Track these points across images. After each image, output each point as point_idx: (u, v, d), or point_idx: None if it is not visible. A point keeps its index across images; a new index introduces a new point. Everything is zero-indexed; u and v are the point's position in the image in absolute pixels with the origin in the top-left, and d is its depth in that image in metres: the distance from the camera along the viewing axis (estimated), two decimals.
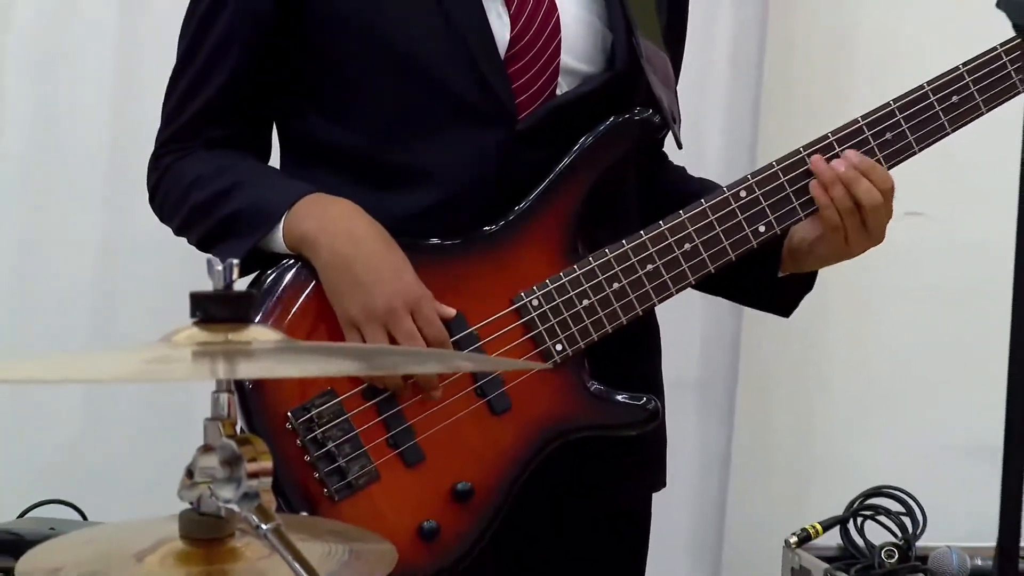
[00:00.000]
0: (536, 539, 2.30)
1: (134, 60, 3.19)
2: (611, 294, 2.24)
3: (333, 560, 1.61)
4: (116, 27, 3.23)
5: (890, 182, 2.27)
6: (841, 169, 2.24)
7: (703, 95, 3.33)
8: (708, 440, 3.50)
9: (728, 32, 3.43)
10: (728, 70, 3.46)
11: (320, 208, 2.19)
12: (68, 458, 3.18)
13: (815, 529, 3.22)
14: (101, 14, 3.22)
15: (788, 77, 3.51)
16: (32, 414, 3.21)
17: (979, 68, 2.31)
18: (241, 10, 2.26)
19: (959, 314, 3.50)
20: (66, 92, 3.23)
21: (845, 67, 3.53)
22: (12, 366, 1.85)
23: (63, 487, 3.06)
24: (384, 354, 2.05)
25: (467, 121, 2.24)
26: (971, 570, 3.18)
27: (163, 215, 2.35)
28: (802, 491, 3.51)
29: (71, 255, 3.24)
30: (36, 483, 3.08)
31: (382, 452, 2.18)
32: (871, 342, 3.61)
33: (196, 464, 1.56)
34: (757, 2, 3.46)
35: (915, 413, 3.60)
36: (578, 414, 2.24)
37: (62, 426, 3.21)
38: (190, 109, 2.30)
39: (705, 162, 3.17)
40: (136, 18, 3.21)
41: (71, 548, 1.72)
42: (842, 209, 2.24)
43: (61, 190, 3.23)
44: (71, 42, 3.22)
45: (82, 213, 3.23)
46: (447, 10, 2.22)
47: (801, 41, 3.54)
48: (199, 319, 1.57)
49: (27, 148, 3.22)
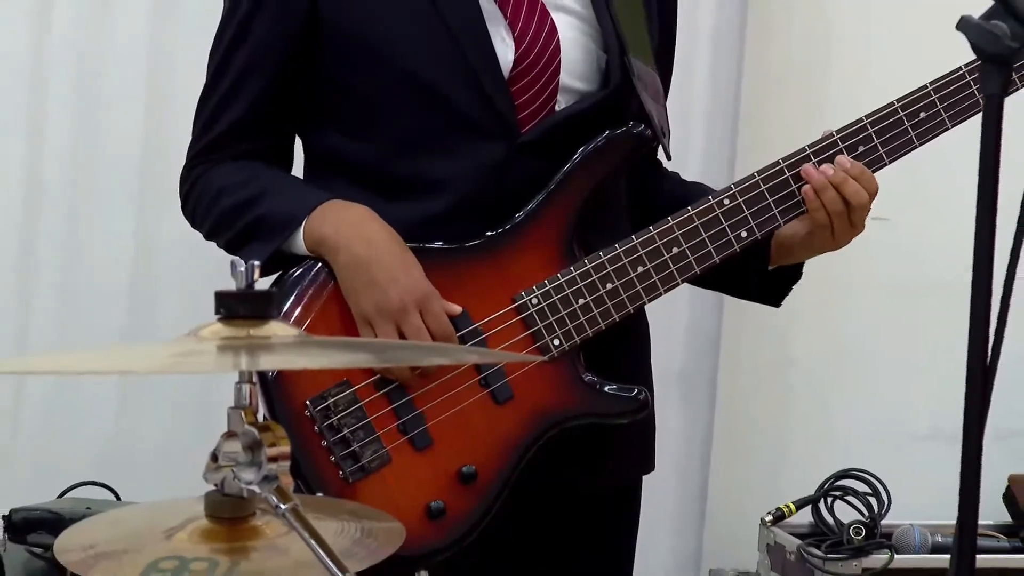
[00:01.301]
0: (534, 519, 2.29)
1: (165, 81, 3.18)
2: (604, 294, 2.23)
3: (346, 537, 1.61)
4: (147, 49, 3.21)
5: (875, 184, 2.26)
6: (830, 173, 2.24)
7: (687, 111, 3.31)
8: (691, 427, 3.50)
9: (708, 57, 3.42)
10: (709, 90, 3.45)
11: (337, 213, 2.19)
12: (104, 443, 3.18)
13: (789, 508, 3.22)
14: (133, 33, 3.21)
15: (764, 94, 3.50)
16: (71, 403, 3.20)
17: (945, 87, 2.30)
18: (267, 36, 2.25)
19: (922, 310, 3.49)
20: (103, 111, 3.22)
21: (818, 86, 3.52)
22: (55, 359, 1.84)
23: (99, 470, 3.05)
24: (394, 348, 2.05)
25: (472, 135, 2.23)
26: (932, 546, 3.18)
27: (194, 221, 2.34)
28: (777, 474, 3.50)
29: (109, 258, 3.23)
30: (74, 466, 3.07)
31: (393, 438, 2.17)
32: (840, 336, 3.61)
33: (220, 449, 1.56)
34: (735, 30, 3.45)
35: (881, 402, 3.59)
36: (574, 404, 2.23)
37: (99, 414, 3.21)
38: (219, 126, 2.29)
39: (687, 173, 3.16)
40: (166, 41, 3.20)
41: (106, 526, 1.72)
42: (832, 211, 2.24)
43: (99, 199, 3.23)
44: (106, 65, 3.21)
45: (118, 220, 3.23)
46: (454, 35, 2.21)
47: (776, 62, 3.53)
48: (223, 316, 1.56)
49: (68, 162, 3.21)
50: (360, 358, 1.99)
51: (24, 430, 3.19)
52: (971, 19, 1.56)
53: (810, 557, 3.08)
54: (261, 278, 2.14)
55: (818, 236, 2.28)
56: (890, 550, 3.09)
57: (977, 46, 1.56)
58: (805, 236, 2.28)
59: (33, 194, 3.20)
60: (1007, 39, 1.55)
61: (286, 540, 1.54)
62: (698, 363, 3.51)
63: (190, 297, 3.07)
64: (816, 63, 3.55)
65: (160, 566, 1.54)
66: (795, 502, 3.21)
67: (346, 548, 1.57)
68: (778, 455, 3.58)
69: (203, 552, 1.55)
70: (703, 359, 3.51)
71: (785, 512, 3.21)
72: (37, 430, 3.19)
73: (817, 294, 3.32)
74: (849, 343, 3.61)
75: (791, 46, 3.54)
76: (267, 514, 1.56)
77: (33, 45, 3.18)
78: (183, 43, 3.17)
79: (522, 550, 2.31)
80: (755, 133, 3.43)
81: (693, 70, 3.29)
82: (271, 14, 2.24)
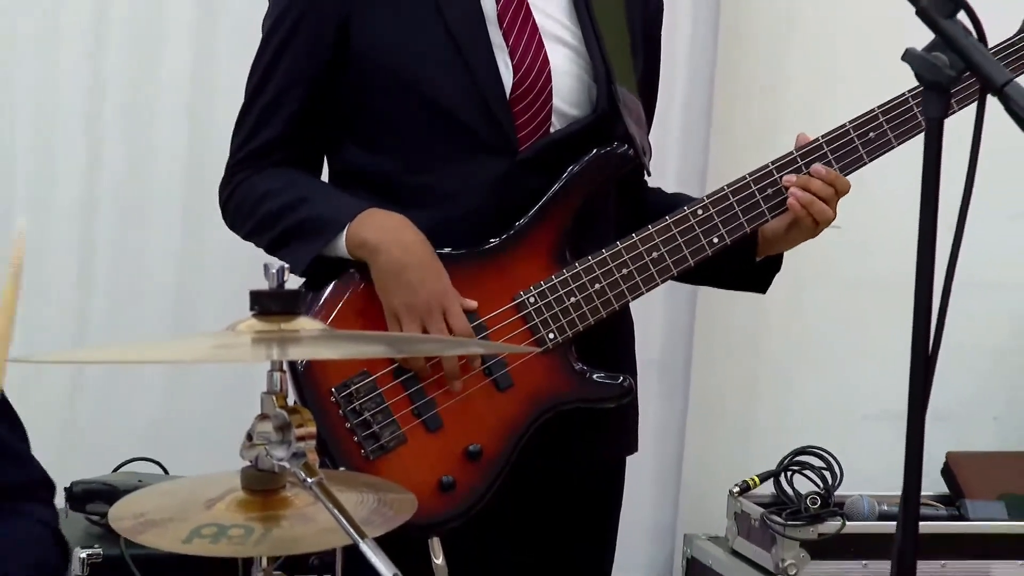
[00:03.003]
0: (530, 495, 2.27)
1: (206, 104, 3.17)
2: (593, 293, 2.22)
3: (365, 507, 1.60)
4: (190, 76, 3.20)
5: (848, 184, 2.27)
6: (815, 185, 2.24)
7: (664, 131, 3.29)
8: (667, 411, 3.48)
9: (684, 84, 3.41)
10: (683, 113, 3.44)
11: (379, 220, 2.16)
12: (154, 423, 3.17)
13: (753, 481, 3.21)
14: (178, 62, 3.20)
15: (732, 115, 3.49)
16: (124, 388, 3.19)
17: (891, 110, 2.29)
18: (300, 61, 2.24)
19: (871, 305, 3.48)
20: (152, 132, 3.21)
21: (781, 108, 3.51)
22: (111, 350, 1.84)
23: (149, 447, 3.04)
24: (408, 341, 2.07)
25: (478, 152, 2.22)
26: (879, 514, 3.17)
27: (234, 223, 2.31)
28: (743, 451, 3.49)
29: (157, 262, 3.22)
30: (127, 444, 3.06)
31: (408, 420, 2.16)
32: (799, 330, 3.60)
33: (254, 429, 1.56)
34: (707, 64, 3.43)
35: (834, 386, 3.58)
36: (567, 390, 2.22)
37: (149, 398, 3.20)
38: (257, 140, 2.27)
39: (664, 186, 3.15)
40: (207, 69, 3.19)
41: (155, 497, 1.72)
42: (818, 214, 2.24)
43: (149, 210, 3.22)
44: (154, 90, 3.20)
45: (165, 228, 3.22)
46: (467, 61, 2.20)
47: (741, 88, 3.52)
48: (257, 312, 1.56)
49: (121, 176, 3.20)
50: (377, 349, 2.02)
51: (83, 412, 3.18)
52: (915, 51, 1.56)
53: (772, 524, 3.08)
54: (300, 276, 2.18)
55: (802, 229, 2.28)
56: (842, 517, 3.08)
57: (920, 74, 1.56)
58: (789, 229, 2.28)
59: (91, 205, 3.19)
60: (946, 68, 1.54)
61: (312, 510, 1.54)
62: (674, 354, 3.50)
63: (228, 295, 3.05)
64: (775, 91, 3.54)
65: (202, 532, 1.54)
66: (759, 475, 3.20)
67: (365, 517, 1.56)
68: (744, 435, 3.57)
69: (239, 520, 1.55)
70: (678, 350, 3.50)
71: (750, 484, 3.20)
72: (94, 412, 3.18)
73: (779, 293, 3.30)
74: (807, 336, 3.60)
75: (756, 72, 3.53)
76: (296, 487, 1.56)
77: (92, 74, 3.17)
78: (222, 71, 3.16)
79: (519, 523, 2.29)
80: (723, 152, 3.42)
81: (673, 96, 3.28)
82: (304, 41, 2.23)
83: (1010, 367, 3.63)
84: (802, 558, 3.05)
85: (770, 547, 3.09)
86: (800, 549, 3.05)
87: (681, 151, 3.40)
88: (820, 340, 3.59)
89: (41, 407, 2.78)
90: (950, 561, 3.10)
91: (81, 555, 2.69)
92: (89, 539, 2.75)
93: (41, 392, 3.05)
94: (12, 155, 3.15)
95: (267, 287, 1.57)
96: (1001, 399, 3.64)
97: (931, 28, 1.55)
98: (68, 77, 3.17)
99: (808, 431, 3.31)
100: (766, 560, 3.11)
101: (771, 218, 2.27)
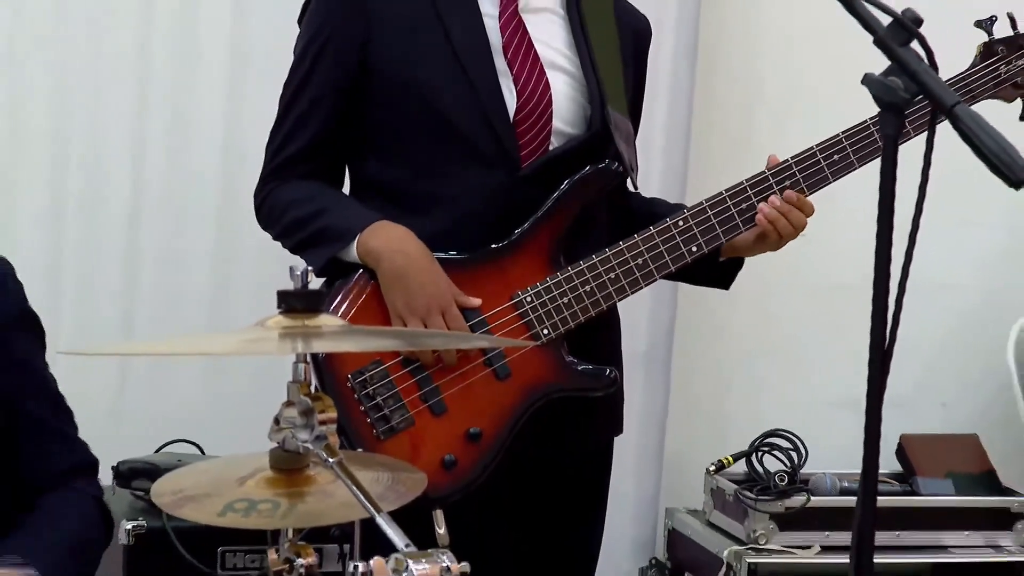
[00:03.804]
0: (527, 474, 2.27)
1: (240, 119, 3.16)
2: (584, 293, 2.22)
3: (380, 485, 1.60)
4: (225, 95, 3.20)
5: (813, 208, 2.29)
6: (778, 203, 2.25)
7: (647, 146, 3.27)
8: (651, 398, 3.47)
9: (666, 104, 3.39)
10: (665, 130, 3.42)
11: (385, 231, 2.17)
12: (192, 409, 3.15)
13: (728, 460, 3.20)
14: (214, 82, 3.19)
15: (710, 133, 3.48)
16: (167, 378, 3.18)
17: (854, 135, 2.30)
18: (324, 84, 2.24)
19: (833, 305, 3.48)
20: (191, 145, 3.20)
21: (754, 126, 3.51)
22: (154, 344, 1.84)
23: (188, 430, 3.03)
24: (418, 335, 2.07)
25: (483, 166, 2.22)
26: (840, 489, 3.16)
27: (266, 225, 2.32)
28: (719, 433, 3.48)
29: (195, 263, 3.21)
30: (168, 427, 3.05)
31: (416, 405, 2.16)
32: (769, 326, 3.59)
33: (281, 414, 1.56)
34: (686, 90, 3.42)
35: (800, 377, 3.57)
36: (559, 379, 2.22)
37: (188, 386, 3.18)
38: (286, 152, 2.27)
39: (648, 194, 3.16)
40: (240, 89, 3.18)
41: (192, 475, 1.71)
42: (783, 230, 2.26)
43: (188, 216, 3.21)
44: (193, 107, 3.19)
45: (203, 233, 3.21)
46: (474, 85, 2.20)
47: (718, 109, 3.51)
48: (283, 309, 1.56)
49: (163, 185, 3.20)
50: (390, 343, 2.02)
51: (129, 399, 3.17)
52: (873, 75, 1.55)
53: (744, 498, 3.07)
54: (317, 276, 2.17)
55: (768, 243, 2.29)
56: (807, 493, 3.08)
57: (877, 97, 1.56)
58: (755, 241, 2.29)
59: (136, 216, 3.18)
60: (901, 91, 1.54)
61: (333, 486, 1.53)
62: (657, 348, 3.48)
63: (258, 295, 3.05)
64: (749, 110, 3.54)
65: (234, 507, 1.53)
66: (733, 456, 3.19)
67: (380, 493, 1.56)
68: (719, 419, 3.56)
69: (268, 496, 1.55)
70: (661, 345, 3.49)
71: (725, 463, 3.20)
72: (139, 399, 3.17)
73: (751, 294, 3.34)
74: (775, 332, 3.59)
75: (731, 93, 3.53)
76: (318, 466, 1.55)
77: (138, 99, 3.17)
78: (253, 90, 3.15)
79: (516, 505, 2.29)
80: (701, 165, 3.42)
81: (655, 114, 3.27)
82: (330, 64, 2.23)
83: (956, 359, 3.62)
84: (771, 529, 3.05)
85: (743, 519, 3.09)
86: (769, 521, 3.05)
87: (663, 165, 3.39)
88: (787, 336, 3.58)
89: (92, 394, 2.78)
90: (904, 532, 3.10)
91: (127, 527, 2.69)
92: (134, 512, 2.75)
93: (92, 381, 3.04)
94: (65, 171, 3.15)
95: (292, 288, 1.56)
96: (948, 387, 3.63)
97: (887, 55, 1.55)
98: (116, 101, 3.16)
99: (776, 416, 3.30)
100: (739, 531, 3.10)
101: (744, 230, 2.27)
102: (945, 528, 3.13)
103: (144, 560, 2.70)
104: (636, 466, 3.39)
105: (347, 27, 2.23)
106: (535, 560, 2.33)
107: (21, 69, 3.11)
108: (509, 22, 2.25)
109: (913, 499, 3.18)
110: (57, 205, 3.13)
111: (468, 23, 2.23)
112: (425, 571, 1.38)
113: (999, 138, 1.49)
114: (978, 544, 3.13)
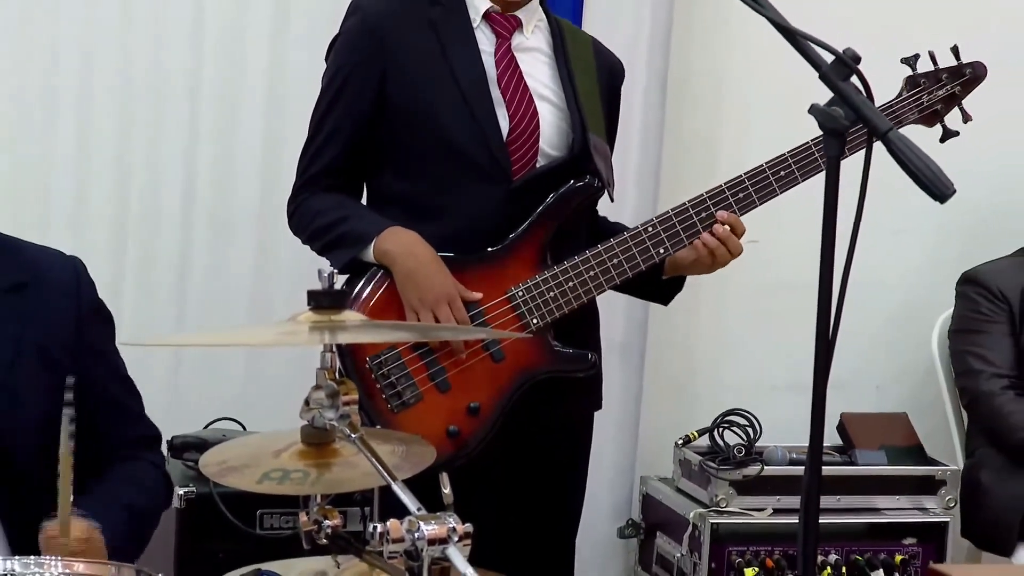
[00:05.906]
0: (518, 444, 2.27)
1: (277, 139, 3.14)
2: (567, 289, 2.23)
3: (396, 456, 1.59)
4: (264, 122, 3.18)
5: (744, 228, 2.29)
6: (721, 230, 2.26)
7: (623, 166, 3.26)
8: (627, 381, 3.45)
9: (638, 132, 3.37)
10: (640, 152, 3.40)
11: (396, 236, 2.19)
12: (236, 391, 3.13)
13: (693, 435, 3.18)
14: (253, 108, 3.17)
15: (677, 158, 3.47)
16: (214, 365, 3.16)
17: (798, 155, 2.31)
18: (347, 110, 2.26)
19: (782, 302, 3.46)
20: (234, 163, 3.18)
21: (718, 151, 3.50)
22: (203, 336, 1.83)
23: (232, 409, 3.03)
24: (428, 329, 2.09)
25: (481, 181, 2.23)
26: (790, 460, 3.15)
27: (296, 231, 2.34)
28: (686, 412, 3.45)
29: (238, 267, 3.20)
30: (215, 406, 3.04)
31: (425, 383, 2.17)
32: (728, 320, 3.58)
33: (311, 396, 1.56)
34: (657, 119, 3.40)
35: (754, 363, 3.56)
36: (546, 363, 2.23)
37: (232, 372, 3.17)
38: (314, 168, 2.29)
39: (624, 209, 3.16)
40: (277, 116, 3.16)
41: (235, 448, 1.71)
42: (720, 257, 2.27)
43: (232, 224, 3.19)
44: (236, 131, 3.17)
45: (244, 239, 3.19)
46: (473, 112, 2.22)
47: (686, 130, 3.50)
48: (312, 307, 1.55)
49: (210, 199, 3.17)
50: (404, 335, 2.02)
51: (182, 383, 3.15)
52: (818, 105, 1.57)
53: (708, 468, 3.06)
54: (339, 274, 2.17)
55: (701, 266, 2.30)
56: (761, 463, 3.07)
57: (822, 123, 1.56)
58: (691, 263, 2.30)
59: (188, 223, 3.16)
60: (842, 119, 1.54)
61: (356, 459, 1.53)
62: (633, 337, 3.46)
63: (292, 294, 3.04)
64: (712, 136, 3.53)
65: (270, 475, 1.53)
66: (698, 431, 3.17)
67: (396, 463, 1.55)
68: (687, 399, 3.54)
69: (299, 466, 1.54)
70: (636, 335, 3.47)
71: (691, 438, 3.18)
72: (190, 383, 3.15)
73: (710, 293, 3.35)
74: (733, 325, 3.58)
75: (696, 123, 3.52)
76: (343, 441, 1.54)
77: (189, 119, 3.15)
78: (289, 116, 3.11)
79: (508, 469, 2.29)
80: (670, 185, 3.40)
81: (628, 139, 3.26)
82: (352, 93, 2.25)
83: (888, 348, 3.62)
84: (731, 494, 3.04)
85: (706, 486, 3.08)
86: (729, 487, 3.04)
87: (636, 179, 3.37)
88: (743, 328, 3.58)
89: (151, 379, 2.74)
90: (844, 496, 3.09)
91: (180, 492, 2.68)
92: (185, 480, 2.75)
93: (151, 367, 3.02)
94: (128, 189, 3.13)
95: (320, 288, 1.56)
96: (881, 372, 3.62)
97: (830, 88, 1.55)
98: (171, 122, 3.14)
99: (735, 397, 3.29)
100: (703, 496, 3.09)
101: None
102: (879, 493, 3.13)
103: (194, 521, 2.70)
104: (615, 439, 3.38)
105: (367, 64, 2.24)
106: (525, 519, 2.33)
107: (90, 103, 3.09)
108: (503, 58, 2.26)
109: (852, 468, 3.16)
110: (120, 214, 3.12)
111: (469, 59, 2.24)
112: (434, 531, 1.37)
113: (926, 159, 1.50)
114: (907, 507, 3.13)
